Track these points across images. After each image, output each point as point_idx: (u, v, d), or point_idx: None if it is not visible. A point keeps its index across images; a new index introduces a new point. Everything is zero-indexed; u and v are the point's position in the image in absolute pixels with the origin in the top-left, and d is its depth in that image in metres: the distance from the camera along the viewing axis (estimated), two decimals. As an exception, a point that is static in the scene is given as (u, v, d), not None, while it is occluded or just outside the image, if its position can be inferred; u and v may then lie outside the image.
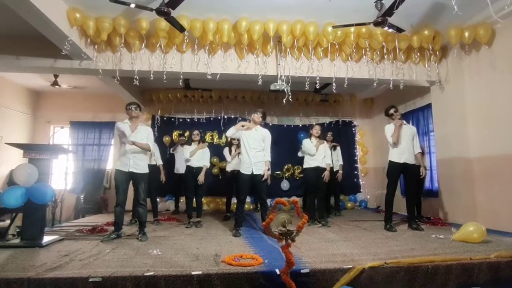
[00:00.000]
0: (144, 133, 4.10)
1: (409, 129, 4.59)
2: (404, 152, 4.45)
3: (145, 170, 4.10)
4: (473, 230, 3.58)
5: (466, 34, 4.74)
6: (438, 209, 5.69)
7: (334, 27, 4.61)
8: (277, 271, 2.46)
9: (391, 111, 4.60)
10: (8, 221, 4.19)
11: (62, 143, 7.70)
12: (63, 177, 6.85)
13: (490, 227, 4.40)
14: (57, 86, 6.96)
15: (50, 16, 3.79)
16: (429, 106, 6.20)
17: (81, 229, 4.58)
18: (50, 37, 4.30)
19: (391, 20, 4.16)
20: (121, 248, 3.41)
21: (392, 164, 4.50)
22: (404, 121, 4.66)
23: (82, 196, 7.27)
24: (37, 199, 3.54)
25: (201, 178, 5.06)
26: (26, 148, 3.90)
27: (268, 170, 4.41)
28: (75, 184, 7.51)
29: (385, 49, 5.17)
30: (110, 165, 7.88)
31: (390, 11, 3.99)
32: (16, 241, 3.63)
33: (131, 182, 4.07)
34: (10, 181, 6.37)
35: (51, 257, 3.01)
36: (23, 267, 2.69)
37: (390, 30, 4.36)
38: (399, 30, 4.36)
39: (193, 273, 2.46)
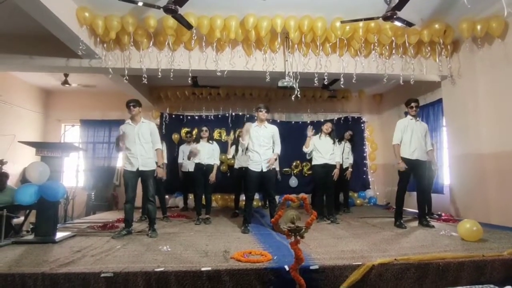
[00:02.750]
0: (147, 130, 4.10)
1: (421, 126, 4.53)
2: (416, 149, 4.39)
3: (153, 166, 4.13)
4: (466, 230, 3.48)
5: (478, 27, 4.63)
6: (447, 206, 5.61)
7: (342, 22, 4.56)
8: (286, 268, 2.46)
9: (412, 104, 4.47)
10: (22, 218, 4.29)
11: (73, 141, 7.81)
12: (74, 174, 6.96)
13: (504, 224, 4.36)
14: (67, 85, 7.06)
15: (60, 15, 3.83)
16: (439, 101, 6.10)
17: (93, 226, 4.65)
18: (61, 37, 4.35)
19: (400, 14, 4.10)
20: (132, 244, 3.46)
21: (404, 161, 4.43)
22: (418, 118, 4.59)
23: (93, 193, 7.38)
24: (50, 197, 3.61)
25: (212, 178, 5.11)
26: (38, 146, 3.97)
27: (276, 159, 4.42)
28: (86, 181, 7.63)
29: (394, 44, 5.09)
30: (119, 163, 7.97)
31: (399, 5, 3.92)
32: (30, 237, 3.71)
33: (139, 179, 4.11)
34: (23, 179, 6.51)
35: (64, 253, 3.07)
36: (37, 262, 2.75)
37: (400, 24, 4.29)
38: (409, 24, 4.29)
39: (202, 269, 2.48)
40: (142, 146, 4.04)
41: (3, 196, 4.41)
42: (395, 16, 4.10)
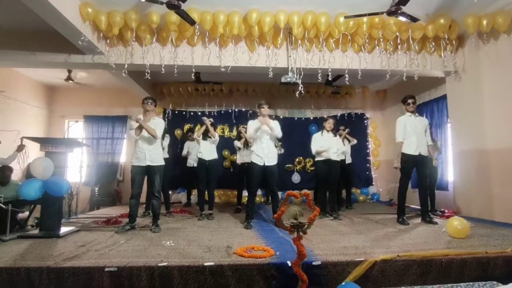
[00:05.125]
0: (155, 125, 4.13)
1: (420, 121, 4.49)
2: (418, 144, 4.36)
3: (161, 162, 4.17)
4: (454, 227, 3.47)
5: (484, 22, 4.58)
6: (452, 203, 5.59)
7: (346, 17, 4.53)
8: (289, 263, 2.47)
9: (408, 101, 4.46)
10: (27, 213, 4.32)
11: (77, 137, 7.85)
12: (78, 170, 7.01)
13: (507, 221, 4.35)
14: (70, 81, 7.08)
15: (63, 11, 3.83)
16: (444, 97, 6.06)
17: (97, 221, 4.69)
18: (64, 32, 4.35)
19: (405, 9, 4.06)
20: (135, 239, 3.48)
21: (407, 157, 4.41)
22: (417, 114, 4.56)
23: (96, 189, 7.43)
24: (54, 192, 3.64)
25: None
26: (43, 141, 3.99)
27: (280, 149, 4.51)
28: (89, 177, 7.69)
29: (398, 39, 5.05)
30: (123, 159, 8.02)
31: (404, 0, 3.89)
32: (35, 231, 3.75)
33: (146, 175, 4.13)
34: (28, 174, 6.56)
35: (68, 247, 3.10)
36: (42, 256, 2.78)
37: (404, 19, 4.25)
38: (413, 19, 4.25)
39: (205, 264, 2.50)
40: (151, 141, 4.06)
41: (8, 191, 4.45)
42: (399, 11, 4.07)
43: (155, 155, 4.09)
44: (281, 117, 8.09)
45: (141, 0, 3.91)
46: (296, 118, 8.29)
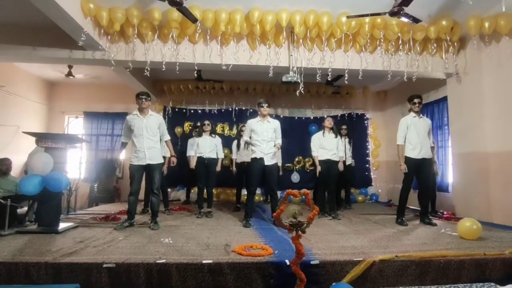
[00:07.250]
0: (155, 123, 4.14)
1: (424, 122, 4.47)
2: (422, 147, 4.33)
3: (160, 160, 4.18)
4: (467, 227, 3.47)
5: (486, 24, 4.57)
6: (452, 204, 5.60)
7: (348, 17, 4.52)
8: (287, 262, 2.48)
9: (415, 100, 4.42)
10: (25, 208, 4.32)
11: (76, 133, 7.84)
12: (77, 166, 7.00)
13: (506, 223, 4.35)
14: (71, 77, 7.07)
15: (65, 6, 3.81)
16: (444, 99, 6.05)
17: (95, 217, 4.69)
18: (65, 28, 4.33)
19: (407, 10, 4.05)
20: (134, 236, 3.49)
21: (409, 160, 4.36)
22: (421, 115, 4.54)
23: (95, 185, 7.42)
24: (53, 187, 3.64)
25: (219, 168, 5.31)
26: (42, 137, 3.98)
27: (278, 149, 4.48)
28: (88, 173, 7.68)
29: (400, 40, 5.04)
30: (123, 156, 8.00)
31: (406, 1, 3.88)
32: (34, 227, 3.76)
33: (145, 172, 4.13)
34: (27, 169, 6.54)
35: (66, 243, 3.10)
36: (40, 252, 2.79)
37: (407, 20, 4.24)
38: (415, 20, 4.24)
39: (204, 261, 2.50)
40: (150, 139, 4.06)
41: (7, 184, 4.45)
42: (402, 12, 4.05)
43: (155, 153, 4.09)
44: (281, 116, 8.08)
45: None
46: (296, 118, 8.28)
